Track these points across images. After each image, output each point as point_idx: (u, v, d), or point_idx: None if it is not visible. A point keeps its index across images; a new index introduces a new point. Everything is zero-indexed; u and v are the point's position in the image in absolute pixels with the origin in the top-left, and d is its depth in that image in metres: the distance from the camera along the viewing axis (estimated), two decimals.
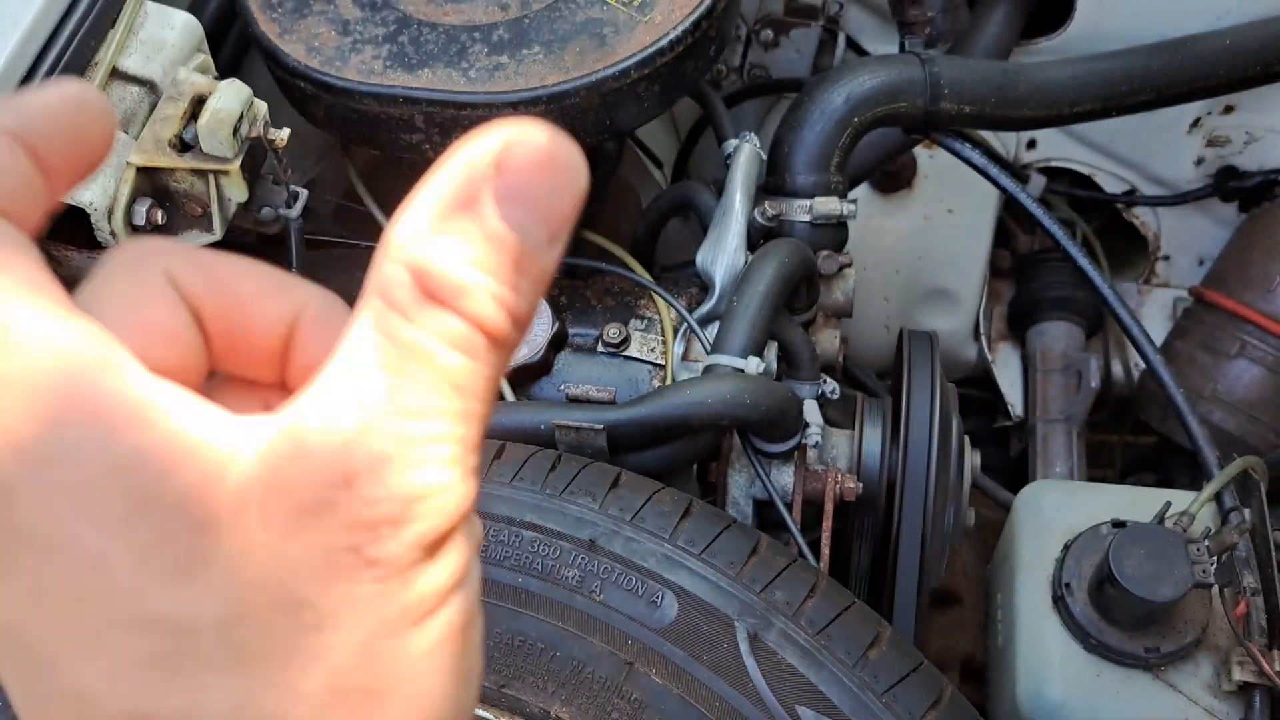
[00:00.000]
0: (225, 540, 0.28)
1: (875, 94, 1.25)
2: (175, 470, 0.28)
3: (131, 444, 0.28)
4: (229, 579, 0.28)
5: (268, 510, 0.28)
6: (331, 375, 0.30)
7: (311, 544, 0.29)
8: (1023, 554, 1.14)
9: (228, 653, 0.29)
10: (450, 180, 0.30)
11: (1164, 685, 1.06)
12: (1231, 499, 1.10)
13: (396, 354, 0.29)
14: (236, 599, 0.28)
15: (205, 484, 0.28)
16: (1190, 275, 1.78)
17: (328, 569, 0.29)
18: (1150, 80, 1.34)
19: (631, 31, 1.13)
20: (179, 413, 0.29)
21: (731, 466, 1.15)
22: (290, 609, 0.29)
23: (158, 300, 0.33)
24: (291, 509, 0.28)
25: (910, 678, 0.81)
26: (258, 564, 0.28)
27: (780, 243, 1.17)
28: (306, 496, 0.28)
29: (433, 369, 0.30)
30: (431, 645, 0.31)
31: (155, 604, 0.28)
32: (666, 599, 0.82)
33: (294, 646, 0.29)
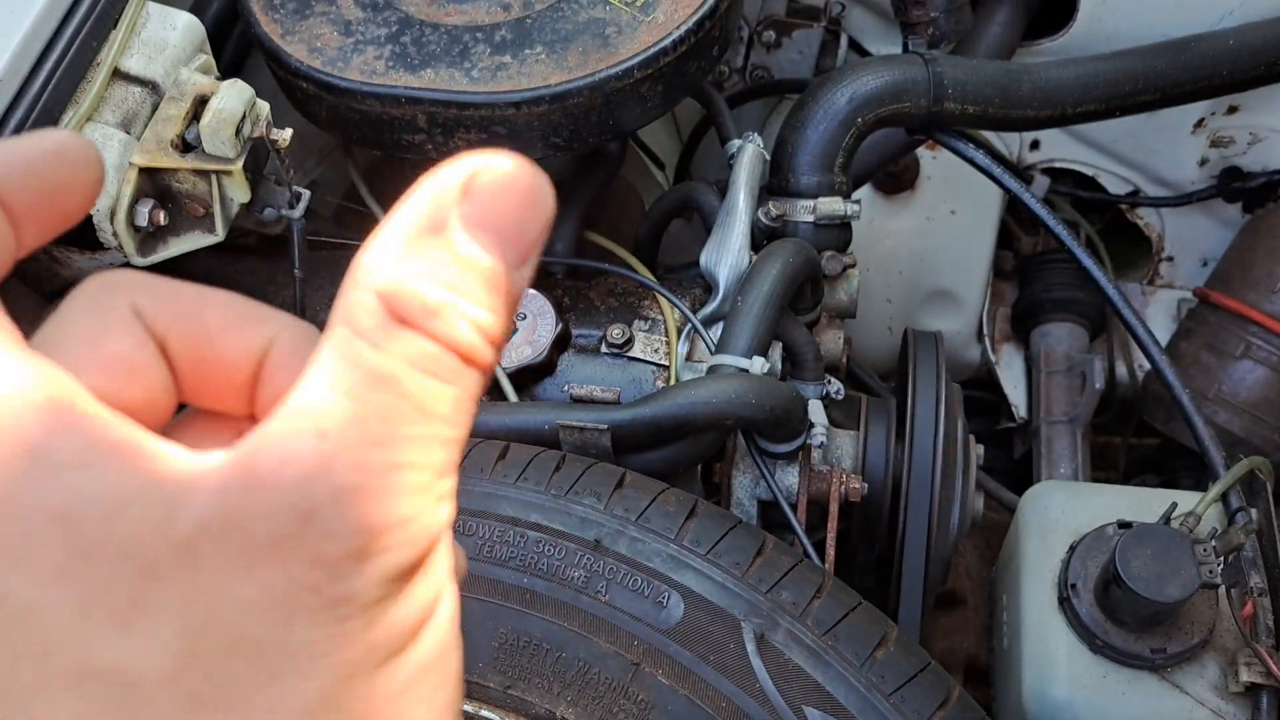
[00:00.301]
0: (172, 584, 0.27)
1: (879, 94, 1.25)
2: (121, 513, 0.27)
3: (76, 488, 0.27)
4: (177, 625, 0.27)
5: (220, 550, 0.27)
6: (292, 405, 0.28)
7: (267, 584, 0.27)
8: (1028, 555, 1.14)
9: (177, 705, 0.27)
10: (417, 207, 0.30)
11: (1170, 686, 1.05)
12: (1237, 499, 1.10)
13: (362, 381, 0.28)
14: (186, 647, 0.27)
15: (153, 526, 0.27)
16: (1194, 276, 1.78)
17: (285, 610, 0.27)
18: (1154, 80, 1.34)
19: (634, 31, 1.12)
20: (132, 453, 0.27)
21: (736, 467, 1.15)
22: (245, 655, 0.27)
23: (121, 334, 0.32)
24: (245, 547, 0.27)
25: (918, 678, 0.80)
26: (207, 607, 0.27)
27: (784, 243, 1.17)
28: (260, 533, 0.27)
29: (401, 395, 0.29)
30: (402, 685, 0.30)
31: (97, 656, 0.26)
32: (672, 599, 0.81)
33: (249, 695, 0.27)
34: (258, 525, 0.27)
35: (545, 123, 1.11)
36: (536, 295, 1.18)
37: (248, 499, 0.27)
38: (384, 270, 0.29)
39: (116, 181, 1.00)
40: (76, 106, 1.01)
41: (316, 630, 0.28)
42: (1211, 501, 1.09)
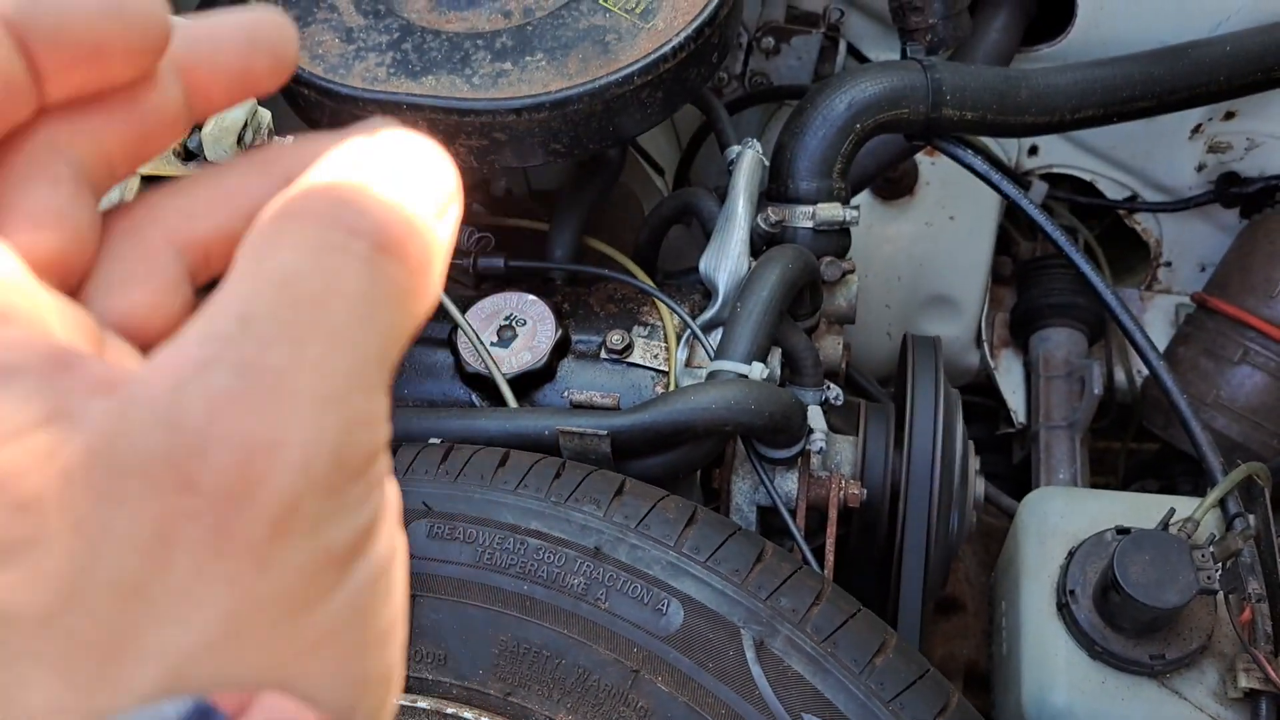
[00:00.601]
0: (53, 519, 0.24)
1: (877, 100, 1.25)
2: (9, 441, 0.24)
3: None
4: (56, 563, 0.24)
5: (103, 482, 0.24)
6: (179, 338, 0.26)
7: (140, 516, 0.24)
8: (1027, 561, 1.14)
9: (56, 643, 0.24)
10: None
11: (1169, 692, 1.05)
12: (1236, 505, 1.10)
13: (261, 278, 0.26)
14: (66, 585, 0.24)
15: (30, 456, 0.24)
16: (1192, 281, 1.78)
17: (162, 546, 0.24)
18: (1152, 86, 1.34)
19: (634, 38, 1.13)
20: (23, 374, 0.25)
21: (735, 473, 1.15)
22: (125, 594, 0.24)
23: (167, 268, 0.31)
24: (117, 473, 0.24)
25: (917, 684, 0.81)
26: (87, 543, 0.24)
27: (783, 249, 1.17)
28: (129, 457, 0.24)
29: (301, 289, 0.26)
30: (308, 643, 0.26)
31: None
32: (672, 606, 0.81)
33: (133, 638, 0.24)
34: (127, 447, 0.24)
35: (546, 129, 1.11)
36: (536, 301, 1.19)
37: (122, 417, 0.25)
38: (333, 157, 0.28)
39: (119, 191, 1.00)
40: None
41: (203, 567, 0.25)
42: (1209, 507, 1.09)
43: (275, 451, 0.25)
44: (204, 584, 0.24)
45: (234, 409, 0.24)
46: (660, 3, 1.15)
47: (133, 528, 0.24)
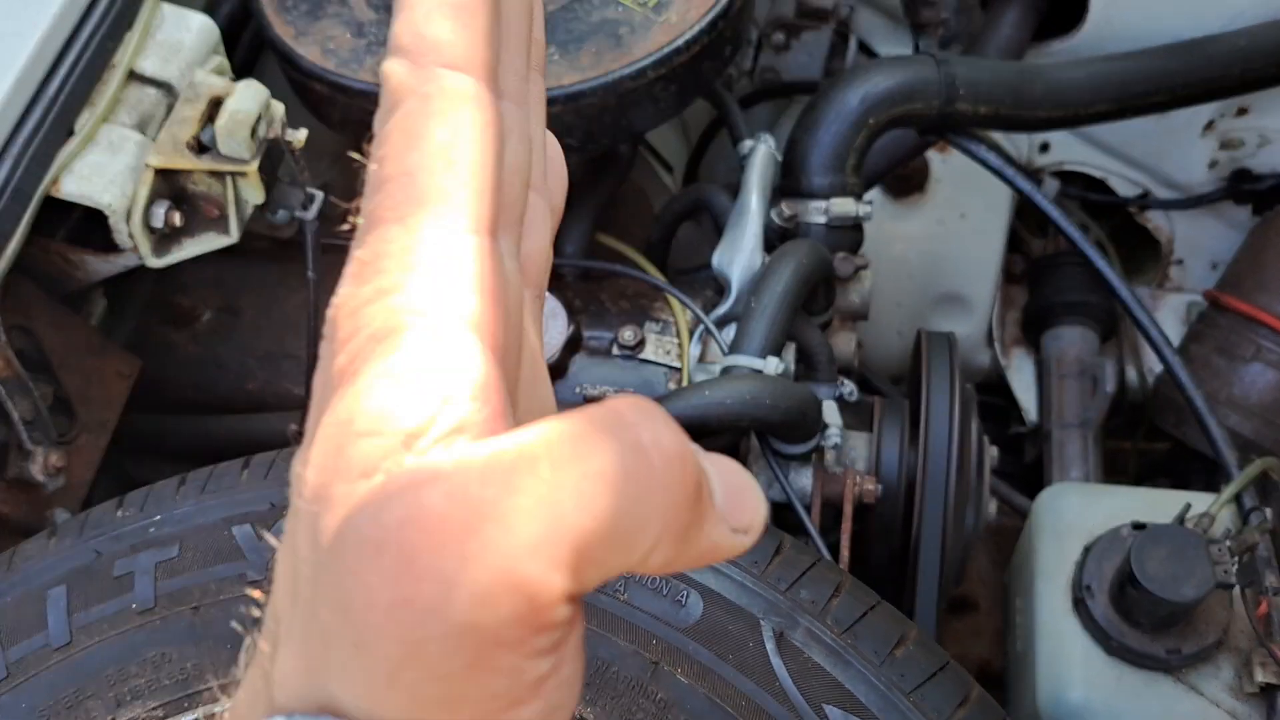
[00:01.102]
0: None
1: (890, 95, 1.25)
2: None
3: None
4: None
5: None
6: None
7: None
8: (1042, 557, 1.13)
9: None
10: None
11: (1185, 688, 1.05)
12: (1251, 500, 1.10)
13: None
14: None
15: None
16: (1204, 279, 1.77)
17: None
18: (1166, 81, 1.34)
19: (648, 32, 1.13)
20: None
21: (750, 468, 1.14)
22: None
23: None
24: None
25: (938, 676, 0.80)
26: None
27: (798, 244, 1.17)
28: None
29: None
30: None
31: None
32: (691, 598, 0.81)
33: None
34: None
35: (558, 123, 1.11)
36: (548, 297, 1.18)
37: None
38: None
39: (132, 183, 1.00)
40: (93, 108, 1.01)
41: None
42: (1226, 502, 1.09)
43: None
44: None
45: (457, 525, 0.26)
46: None
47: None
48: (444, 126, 0.30)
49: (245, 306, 1.27)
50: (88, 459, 1.07)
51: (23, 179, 0.94)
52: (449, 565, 0.25)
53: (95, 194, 0.98)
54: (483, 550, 0.25)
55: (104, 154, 1.00)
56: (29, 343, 1.03)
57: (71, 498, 1.06)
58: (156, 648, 0.82)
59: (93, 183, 0.98)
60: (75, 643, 0.83)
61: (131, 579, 0.84)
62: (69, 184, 0.98)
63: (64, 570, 0.85)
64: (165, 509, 0.87)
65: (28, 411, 1.00)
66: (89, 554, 0.85)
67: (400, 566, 0.25)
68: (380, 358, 0.28)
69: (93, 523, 0.88)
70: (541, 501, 0.26)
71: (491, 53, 0.32)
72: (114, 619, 0.83)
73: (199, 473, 0.90)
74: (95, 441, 1.08)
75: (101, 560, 0.85)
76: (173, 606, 0.83)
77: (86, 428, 1.07)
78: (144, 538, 0.86)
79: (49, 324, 1.06)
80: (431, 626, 0.25)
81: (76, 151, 0.99)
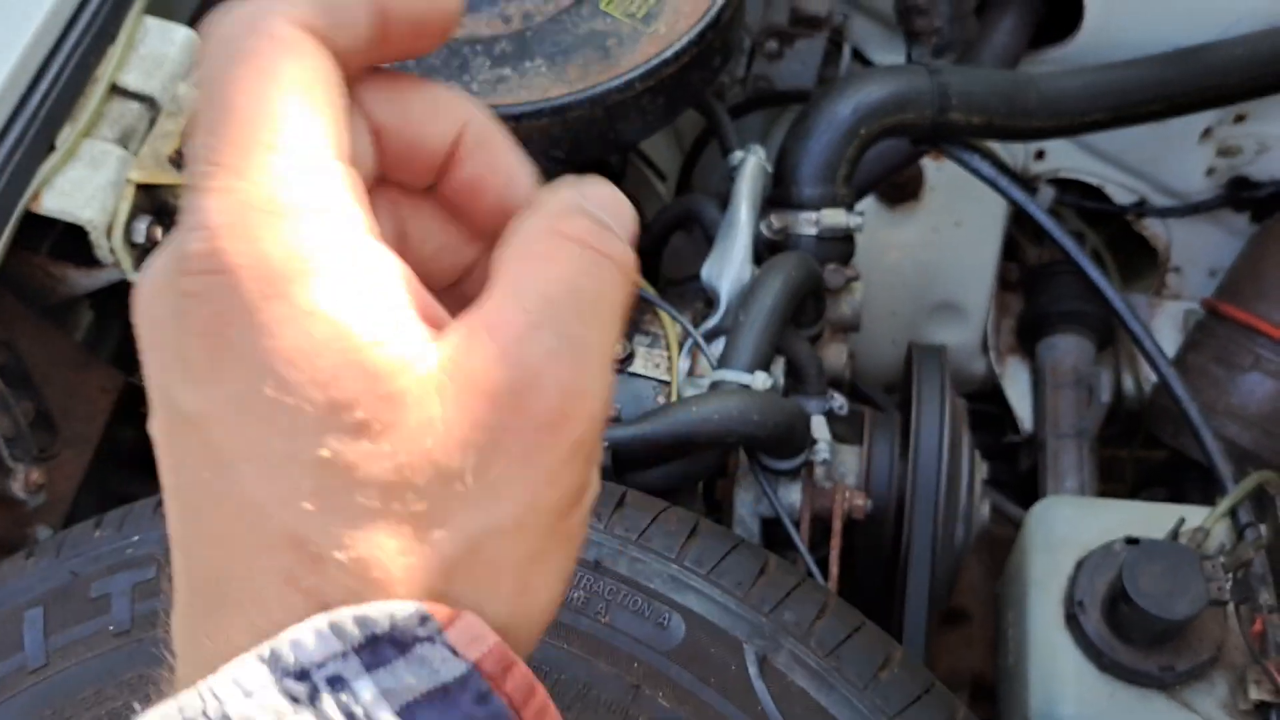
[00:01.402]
0: (409, 415, 0.32)
1: (883, 105, 1.24)
2: (382, 344, 0.32)
3: (353, 308, 0.32)
4: (405, 448, 0.32)
5: (450, 395, 0.32)
6: (499, 288, 0.34)
7: (483, 429, 0.32)
8: (1034, 571, 1.12)
9: (388, 508, 0.32)
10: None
11: (1179, 705, 1.04)
12: (1247, 514, 1.09)
13: (556, 270, 0.35)
14: (405, 465, 0.32)
15: (406, 361, 0.32)
16: (1202, 287, 1.76)
17: (490, 453, 0.33)
18: (1161, 89, 1.33)
19: (635, 43, 1.12)
20: (399, 295, 0.34)
21: (738, 484, 1.13)
22: (448, 479, 0.32)
23: (442, 123, 0.39)
24: (471, 395, 0.32)
25: (922, 699, 0.79)
26: (433, 436, 0.32)
27: (787, 256, 1.16)
28: (486, 387, 0.33)
29: (589, 285, 0.35)
30: (559, 535, 0.35)
31: (336, 454, 0.31)
32: (674, 620, 0.80)
33: (443, 511, 0.32)
34: (486, 379, 0.33)
35: (545, 136, 1.10)
36: None
37: (474, 353, 0.33)
38: (571, 196, 0.37)
39: (114, 198, 0.99)
40: (74, 122, 1.00)
41: (514, 471, 0.33)
42: (1220, 517, 1.08)
43: (583, 399, 0.34)
44: (511, 485, 0.33)
45: (559, 362, 0.33)
46: (662, 7, 1.14)
47: (469, 432, 0.32)
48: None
49: None
50: (70, 475, 1.06)
51: (3, 195, 0.94)
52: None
53: (76, 210, 0.97)
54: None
55: (85, 169, 0.99)
56: (10, 357, 1.02)
57: (53, 514, 1.05)
58: (134, 669, 0.81)
59: (73, 198, 0.97)
60: (52, 665, 0.82)
61: (109, 600, 0.83)
62: (50, 200, 0.97)
63: (41, 591, 0.85)
64: (143, 529, 0.86)
65: (8, 428, 0.99)
66: (66, 575, 0.85)
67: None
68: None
69: (70, 543, 0.88)
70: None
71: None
72: (91, 641, 0.82)
73: None
74: (78, 457, 1.08)
75: (79, 581, 0.84)
76: (149, 628, 0.82)
77: (69, 443, 1.07)
78: (121, 558, 0.85)
79: (30, 338, 1.05)
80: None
81: (57, 167, 0.98)
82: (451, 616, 0.32)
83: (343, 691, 0.30)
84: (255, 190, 0.33)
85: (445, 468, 0.32)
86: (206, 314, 0.32)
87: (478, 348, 0.33)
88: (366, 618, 0.31)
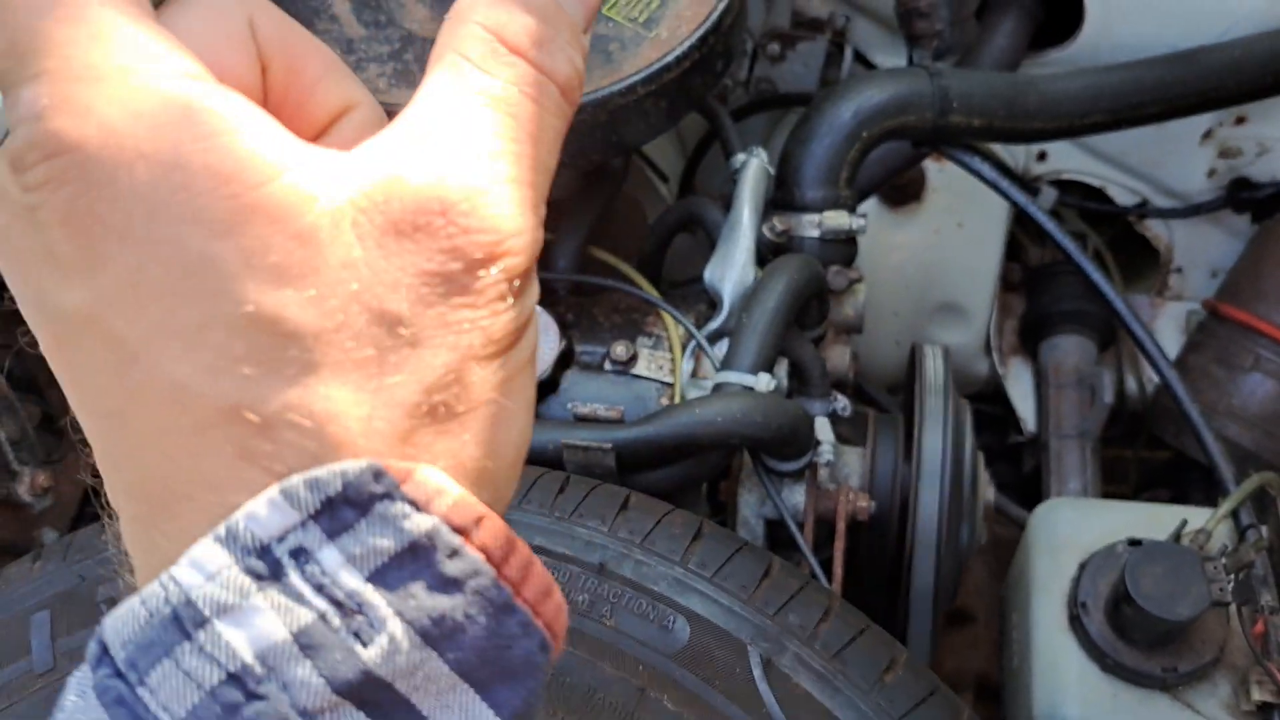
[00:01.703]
0: (327, 253, 0.30)
1: (883, 108, 1.24)
2: (280, 178, 0.30)
3: (238, 151, 0.29)
4: (331, 290, 0.30)
5: (367, 231, 0.30)
6: (412, 116, 0.32)
7: (410, 265, 0.30)
8: (1038, 573, 1.13)
9: (327, 357, 0.30)
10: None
11: (1182, 706, 1.04)
12: (1248, 516, 1.09)
13: (476, 102, 0.32)
14: (337, 309, 0.30)
15: (308, 195, 0.30)
16: (1203, 287, 1.77)
17: (425, 291, 0.31)
18: (1162, 91, 1.33)
19: (638, 48, 1.12)
20: (282, 130, 0.31)
21: (742, 485, 1.14)
22: (387, 323, 0.30)
23: (238, 45, 0.36)
24: (390, 230, 0.30)
25: (927, 701, 0.79)
26: (358, 278, 0.30)
27: (789, 258, 1.16)
28: (405, 220, 0.30)
29: (510, 116, 0.33)
30: (506, 377, 0.33)
31: (259, 307, 0.29)
32: (678, 623, 0.80)
33: (389, 358, 0.30)
34: (401, 213, 0.30)
35: None
36: (539, 311, 1.18)
37: (392, 187, 0.30)
38: (488, 10, 0.34)
39: None
40: None
41: (451, 314, 0.31)
42: (1222, 518, 1.08)
43: (513, 236, 0.32)
44: (453, 325, 0.31)
45: (484, 203, 0.31)
46: (664, 11, 1.14)
47: (399, 273, 0.30)
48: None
49: None
50: (76, 478, 1.07)
51: None
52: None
53: None
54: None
55: None
56: (15, 362, 1.03)
57: (60, 517, 1.05)
58: None
59: None
60: (59, 668, 0.83)
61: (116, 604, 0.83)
62: None
63: (48, 595, 0.85)
64: None
65: (14, 431, 0.99)
66: (73, 578, 0.85)
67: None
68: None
69: (77, 546, 0.88)
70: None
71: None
72: None
73: None
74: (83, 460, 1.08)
75: (85, 585, 0.85)
76: None
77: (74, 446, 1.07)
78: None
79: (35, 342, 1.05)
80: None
81: None
82: (408, 471, 0.30)
83: (308, 563, 0.28)
84: (66, 65, 0.30)
85: (380, 312, 0.30)
86: (63, 201, 0.29)
87: (389, 177, 0.31)
88: (317, 479, 0.29)
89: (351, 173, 0.31)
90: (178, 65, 0.31)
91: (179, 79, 0.30)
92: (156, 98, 0.30)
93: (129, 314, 0.30)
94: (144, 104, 0.29)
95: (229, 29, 0.36)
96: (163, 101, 0.30)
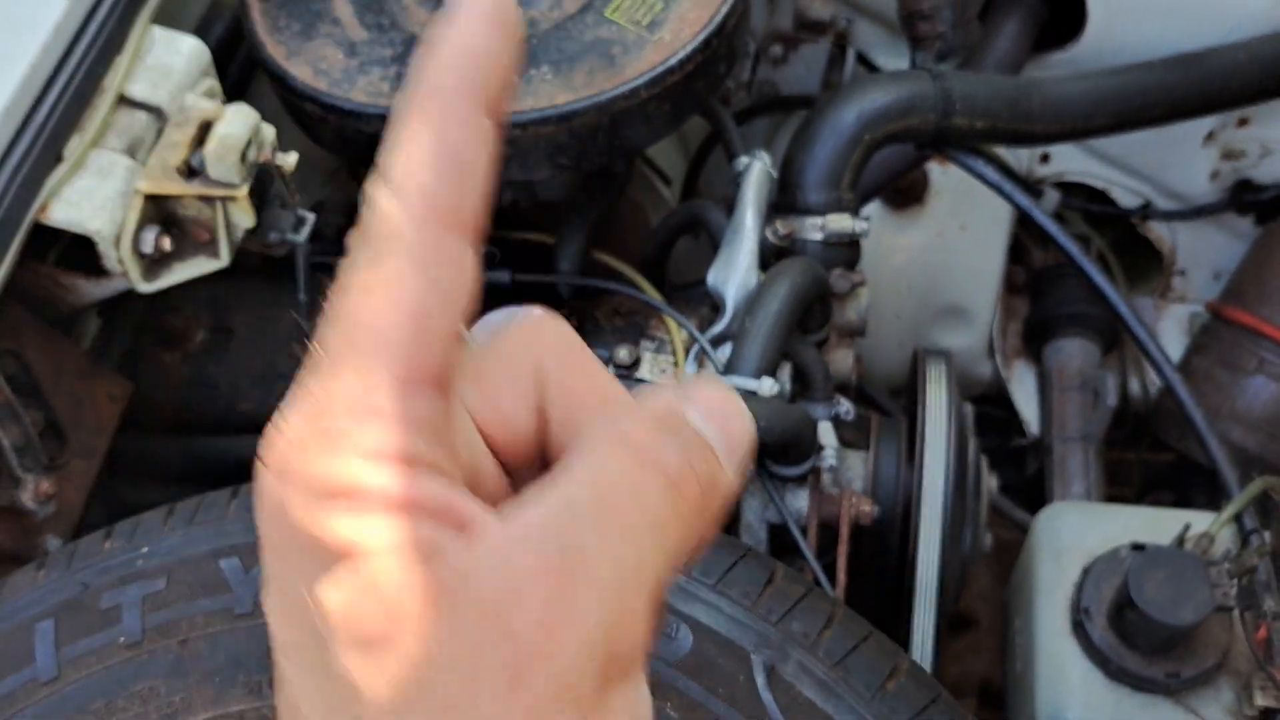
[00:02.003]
0: (408, 626, 0.29)
1: (886, 110, 1.24)
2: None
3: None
4: (404, 664, 0.29)
5: (445, 608, 0.30)
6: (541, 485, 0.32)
7: (473, 647, 0.29)
8: (1041, 578, 1.13)
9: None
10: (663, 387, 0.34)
11: (1185, 711, 1.04)
12: (1251, 520, 1.09)
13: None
14: (407, 685, 0.29)
15: (405, 575, 0.29)
16: (1207, 290, 1.76)
17: (478, 674, 0.29)
18: (1165, 94, 1.33)
19: (641, 50, 1.12)
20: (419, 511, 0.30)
21: (745, 490, 1.14)
22: (447, 708, 0.29)
23: (518, 397, 0.35)
24: (461, 608, 0.29)
25: (929, 709, 0.79)
26: (428, 656, 0.29)
27: (792, 262, 1.16)
28: (472, 596, 0.30)
29: (623, 494, 0.31)
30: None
31: (345, 670, 0.29)
32: (681, 631, 0.80)
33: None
34: (472, 588, 0.29)
35: (551, 143, 1.10)
36: None
37: (474, 561, 0.30)
38: (655, 394, 0.34)
39: (122, 208, 0.99)
40: (82, 134, 1.00)
41: (501, 703, 0.29)
42: (1225, 523, 1.08)
43: (568, 627, 0.29)
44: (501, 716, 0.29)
45: (546, 580, 0.29)
46: (667, 14, 1.14)
47: (462, 655, 0.29)
48: (422, 289, 0.31)
49: (238, 326, 1.26)
50: (79, 484, 1.07)
51: (11, 206, 0.94)
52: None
53: (84, 220, 0.97)
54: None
55: (93, 179, 0.99)
56: (18, 367, 1.02)
57: (63, 524, 1.05)
58: (144, 681, 0.82)
59: (82, 209, 0.97)
60: (63, 676, 0.83)
61: (119, 611, 0.83)
62: (58, 210, 0.97)
63: (52, 603, 0.85)
64: (153, 540, 0.87)
65: (17, 438, 0.99)
66: (77, 586, 0.85)
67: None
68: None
69: (81, 554, 0.88)
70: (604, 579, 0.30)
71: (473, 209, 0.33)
72: (101, 652, 0.83)
73: (188, 502, 0.90)
74: (87, 467, 1.08)
75: (89, 593, 0.85)
76: (160, 639, 0.82)
77: (77, 453, 1.07)
78: (132, 570, 0.85)
79: (38, 348, 1.05)
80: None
81: (65, 177, 0.98)
82: None
83: None
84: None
85: (443, 696, 0.29)
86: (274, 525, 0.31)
87: (484, 559, 0.30)
88: None
89: (452, 549, 0.30)
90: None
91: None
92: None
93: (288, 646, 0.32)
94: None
95: (515, 382, 0.35)
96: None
